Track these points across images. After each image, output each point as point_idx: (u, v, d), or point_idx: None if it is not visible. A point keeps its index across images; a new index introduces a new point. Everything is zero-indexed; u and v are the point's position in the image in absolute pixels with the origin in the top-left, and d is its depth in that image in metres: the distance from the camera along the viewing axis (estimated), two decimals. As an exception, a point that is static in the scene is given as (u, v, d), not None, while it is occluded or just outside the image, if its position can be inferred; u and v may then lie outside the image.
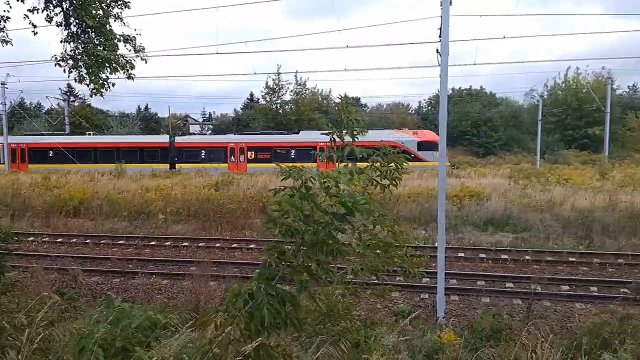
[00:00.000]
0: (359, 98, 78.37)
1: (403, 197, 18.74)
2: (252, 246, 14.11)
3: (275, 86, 54.55)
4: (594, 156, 43.05)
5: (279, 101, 55.41)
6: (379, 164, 3.92)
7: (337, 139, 3.58)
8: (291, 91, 55.32)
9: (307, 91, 56.18)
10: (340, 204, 2.44)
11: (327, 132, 3.77)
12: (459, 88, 67.22)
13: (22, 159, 36.99)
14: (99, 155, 36.49)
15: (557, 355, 5.20)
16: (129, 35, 8.72)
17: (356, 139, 3.59)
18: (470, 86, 67.27)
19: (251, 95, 65.60)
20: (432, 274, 9.55)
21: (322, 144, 33.13)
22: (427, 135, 36.62)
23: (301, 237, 2.46)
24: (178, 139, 37.88)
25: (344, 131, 3.78)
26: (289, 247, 2.58)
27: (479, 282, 10.84)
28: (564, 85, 56.96)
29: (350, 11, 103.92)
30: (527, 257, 12.50)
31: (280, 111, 54.93)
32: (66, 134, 44.81)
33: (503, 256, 12.78)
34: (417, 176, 23.83)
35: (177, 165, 35.49)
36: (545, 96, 56.64)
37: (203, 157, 36.18)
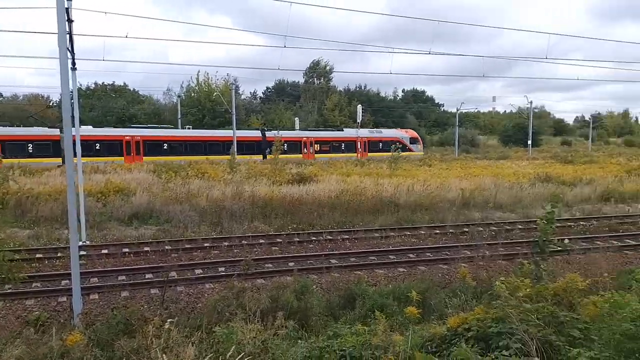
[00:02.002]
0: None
1: (43, 196, 17.15)
2: None
3: None
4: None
5: None
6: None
7: None
8: None
9: None
10: None
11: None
12: (102, 83, 66.20)
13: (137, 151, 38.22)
14: (208, 148, 41.21)
15: (182, 335, 5.96)
16: None
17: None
18: (114, 82, 67.11)
19: None
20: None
21: (360, 139, 49.09)
22: (413, 133, 54.44)
23: None
24: (268, 134, 44.02)
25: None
26: None
27: (120, 277, 11.04)
28: (197, 87, 62.96)
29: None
30: (167, 247, 13.40)
31: None
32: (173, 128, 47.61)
33: (145, 249, 13.34)
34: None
35: (269, 157, 38.59)
36: (183, 96, 61.49)
37: (285, 149, 39.66)
